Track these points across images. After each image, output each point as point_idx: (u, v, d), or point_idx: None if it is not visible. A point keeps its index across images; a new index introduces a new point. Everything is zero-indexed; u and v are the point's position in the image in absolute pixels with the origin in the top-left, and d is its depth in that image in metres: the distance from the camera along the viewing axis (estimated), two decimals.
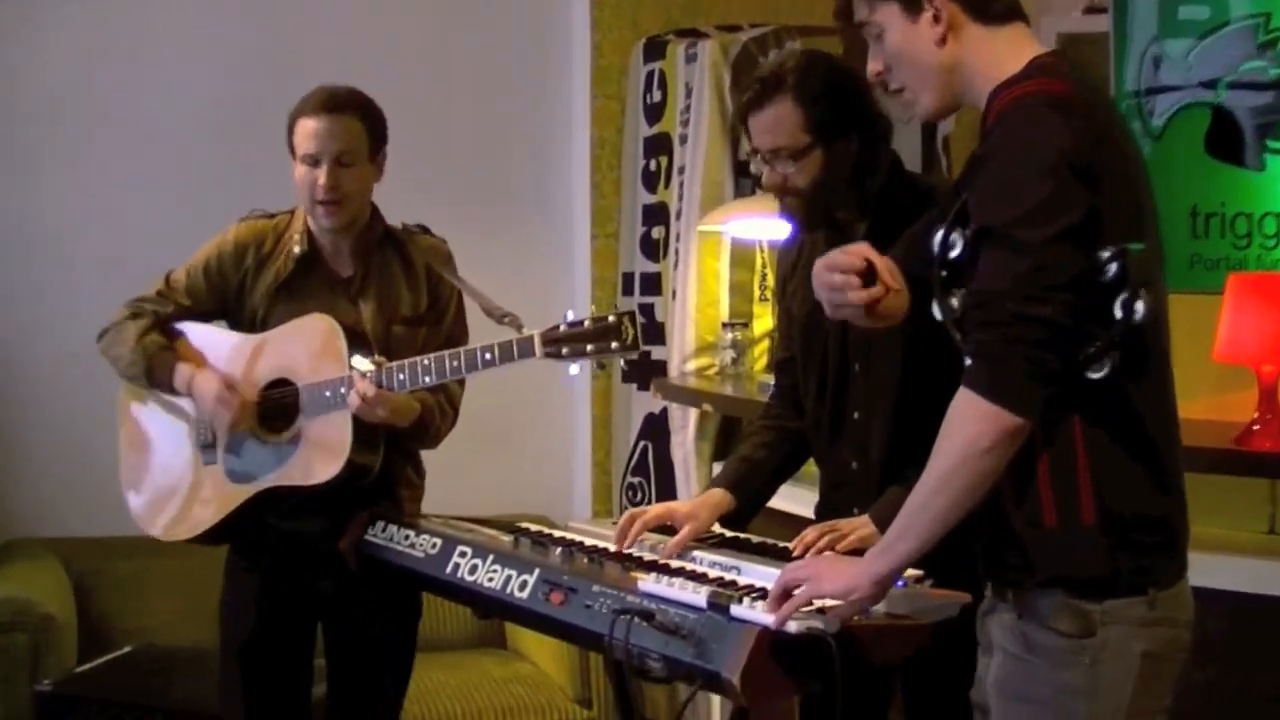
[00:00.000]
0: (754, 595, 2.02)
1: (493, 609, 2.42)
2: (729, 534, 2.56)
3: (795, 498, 2.81)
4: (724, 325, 4.23)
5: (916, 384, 2.39)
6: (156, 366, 2.89)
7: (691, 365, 4.28)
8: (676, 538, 2.47)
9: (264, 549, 2.90)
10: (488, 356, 2.57)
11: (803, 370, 2.58)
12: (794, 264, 2.62)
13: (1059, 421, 1.81)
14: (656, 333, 4.58)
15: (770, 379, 2.90)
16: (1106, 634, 1.82)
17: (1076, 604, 1.82)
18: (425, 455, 3.01)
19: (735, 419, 4.10)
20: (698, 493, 2.92)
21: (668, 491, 4.35)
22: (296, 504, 2.82)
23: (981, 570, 1.94)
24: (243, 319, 2.93)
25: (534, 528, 2.68)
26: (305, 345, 2.81)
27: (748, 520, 2.61)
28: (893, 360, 2.41)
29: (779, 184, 2.41)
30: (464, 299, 2.92)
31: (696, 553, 2.41)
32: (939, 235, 1.85)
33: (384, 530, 2.68)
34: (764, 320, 4.26)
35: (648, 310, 4.68)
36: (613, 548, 2.47)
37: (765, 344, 4.24)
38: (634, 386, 4.81)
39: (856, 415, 2.49)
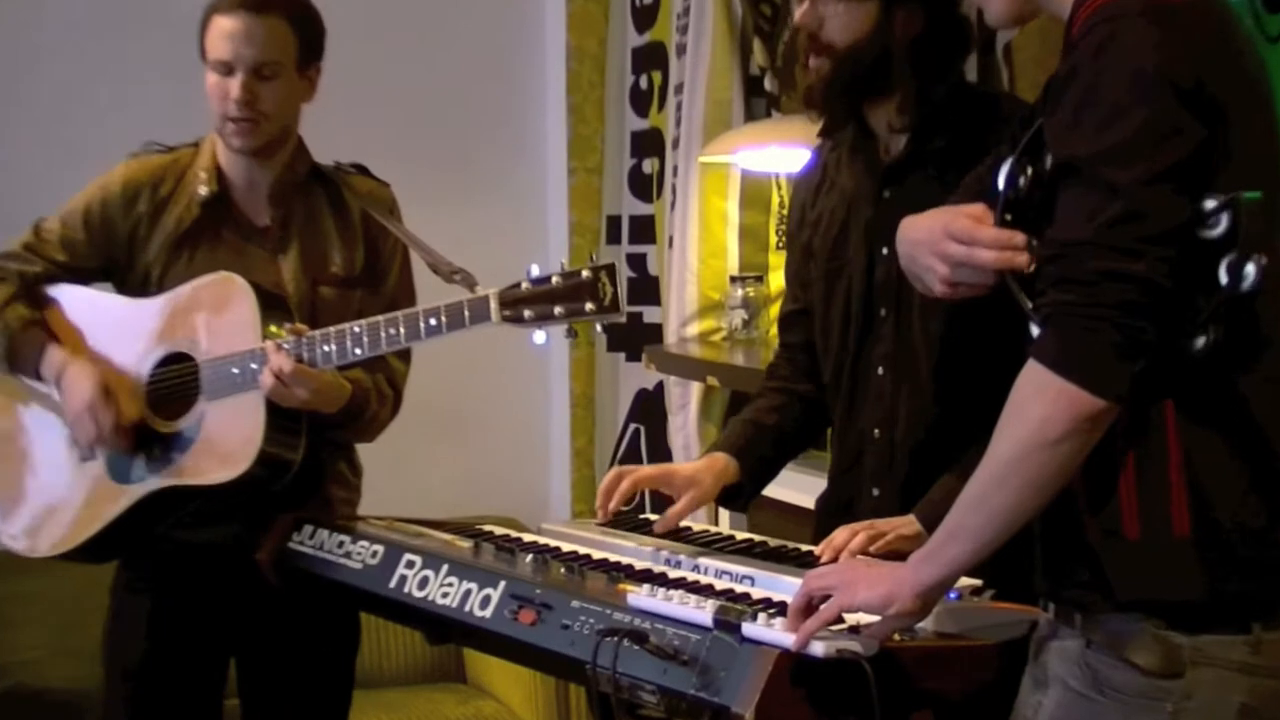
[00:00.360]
0: (772, 611, 2.03)
1: (448, 632, 2.44)
2: (740, 536, 2.60)
3: (812, 488, 2.84)
4: (733, 280, 4.25)
5: (962, 342, 2.43)
6: (20, 347, 2.89)
7: (693, 330, 4.31)
8: (676, 507, 2.52)
9: (159, 564, 2.92)
10: (432, 322, 2.59)
11: (822, 322, 2.62)
12: (816, 189, 2.66)
13: (1149, 407, 1.80)
14: (649, 290, 4.57)
15: None
16: (1197, 676, 1.81)
17: (1162, 634, 1.82)
18: (364, 448, 3.05)
19: (747, 395, 4.10)
20: None
21: None
22: (199, 508, 2.84)
23: (1042, 586, 1.95)
24: (132, 279, 2.93)
25: (499, 531, 2.70)
26: (209, 311, 2.82)
27: (751, 496, 2.68)
28: (931, 308, 2.43)
29: (812, 27, 2.43)
30: (411, 257, 2.95)
31: (701, 560, 2.44)
32: (1005, 169, 1.86)
33: (312, 537, 2.69)
34: (780, 274, 4.26)
35: (638, 262, 4.70)
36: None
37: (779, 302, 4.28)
38: (622, 357, 4.81)
39: (881, 372, 2.53)
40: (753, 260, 4.29)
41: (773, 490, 2.84)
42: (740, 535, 2.64)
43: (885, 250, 2.49)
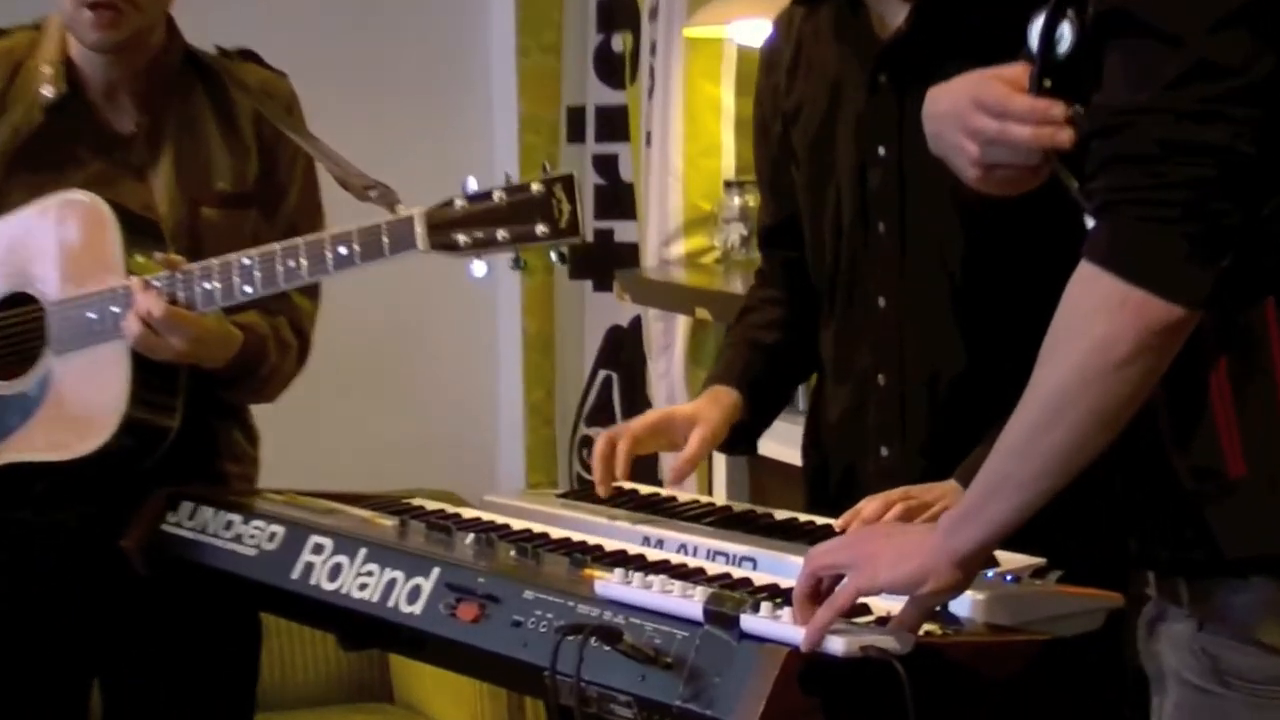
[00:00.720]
0: (779, 600, 2.04)
1: (368, 634, 2.45)
2: (740, 508, 2.64)
3: None
4: (728, 185, 4.25)
5: (991, 262, 2.46)
6: None
7: (678, 249, 4.32)
8: (686, 452, 2.59)
9: None
10: (343, 251, 2.61)
11: (811, 234, 2.67)
12: (790, 70, 2.69)
13: (1241, 310, 1.81)
14: (622, 201, 4.60)
15: None
16: None
17: None
18: (261, 411, 3.07)
19: None
20: None
21: None
22: (49, 487, 2.85)
23: (1133, 553, 1.95)
24: None
25: (432, 506, 2.73)
26: (57, 241, 2.81)
27: (757, 434, 2.74)
28: (940, 216, 2.48)
29: None
30: (318, 169, 2.96)
31: (689, 537, 2.46)
32: (1040, 24, 1.87)
33: (192, 517, 2.70)
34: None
35: (608, 166, 4.72)
36: (552, 531, 2.53)
37: None
38: (588, 286, 4.85)
39: (882, 304, 2.57)
40: (753, 160, 4.28)
41: (780, 449, 2.88)
42: (740, 506, 2.66)
43: (882, 150, 2.54)
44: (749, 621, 1.96)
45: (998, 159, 1.94)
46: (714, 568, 2.31)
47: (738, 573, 2.27)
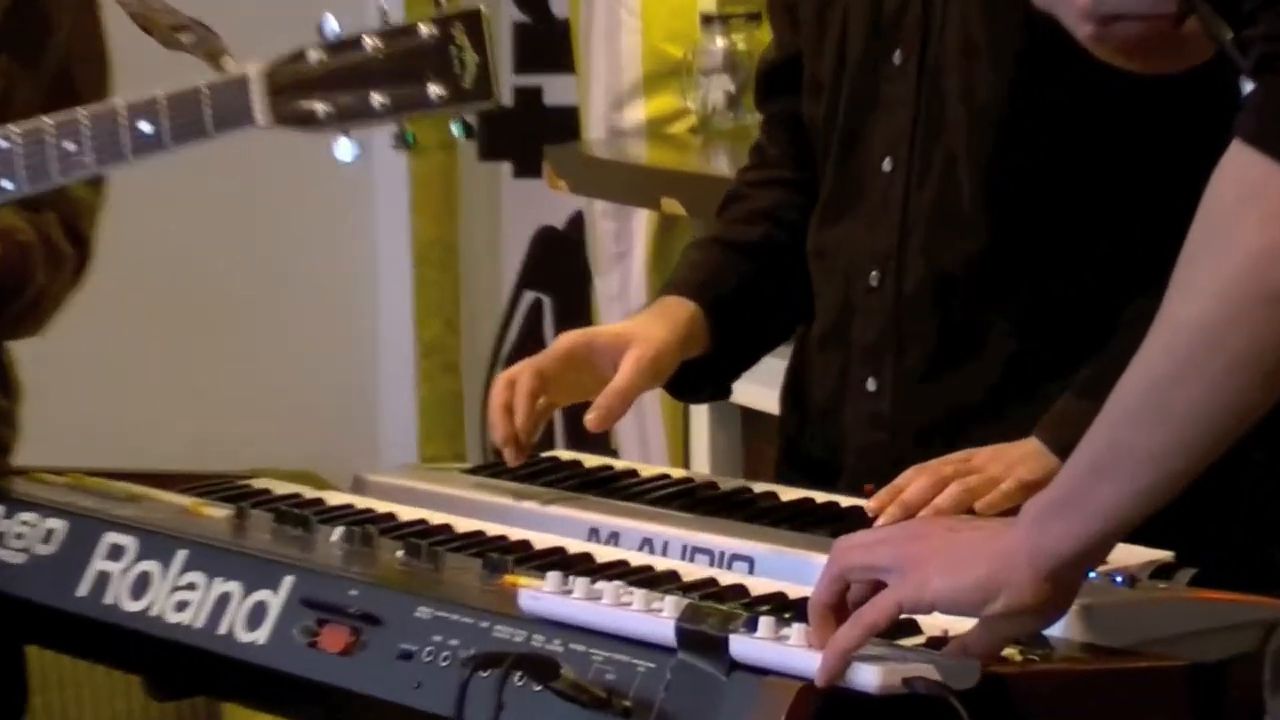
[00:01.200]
0: (786, 614, 2.06)
1: (188, 676, 2.44)
2: (728, 486, 2.65)
3: None
4: (705, 21, 4.27)
5: (1035, 110, 2.51)
6: None
7: (637, 114, 4.34)
8: (614, 383, 2.60)
9: None
10: (144, 129, 2.55)
11: (809, 74, 2.73)
12: None
13: None
14: (554, 45, 4.62)
15: None
16: None
17: None
18: (27, 352, 3.05)
19: None
20: (658, 398, 3.06)
21: (588, 403, 4.49)
22: None
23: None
24: None
25: (281, 489, 2.74)
26: None
27: (732, 372, 2.79)
28: (980, 47, 2.53)
29: None
30: (103, 1, 2.96)
31: (656, 528, 2.47)
32: None
33: None
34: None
35: None
36: (456, 522, 2.51)
37: None
38: (506, 170, 4.91)
39: (888, 167, 2.63)
40: None
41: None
42: (728, 483, 2.67)
43: None
44: (741, 644, 1.92)
45: (1117, 7, 1.95)
46: (692, 570, 2.30)
47: (726, 577, 2.26)
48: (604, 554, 2.36)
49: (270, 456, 4.23)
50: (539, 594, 2.06)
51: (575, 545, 2.40)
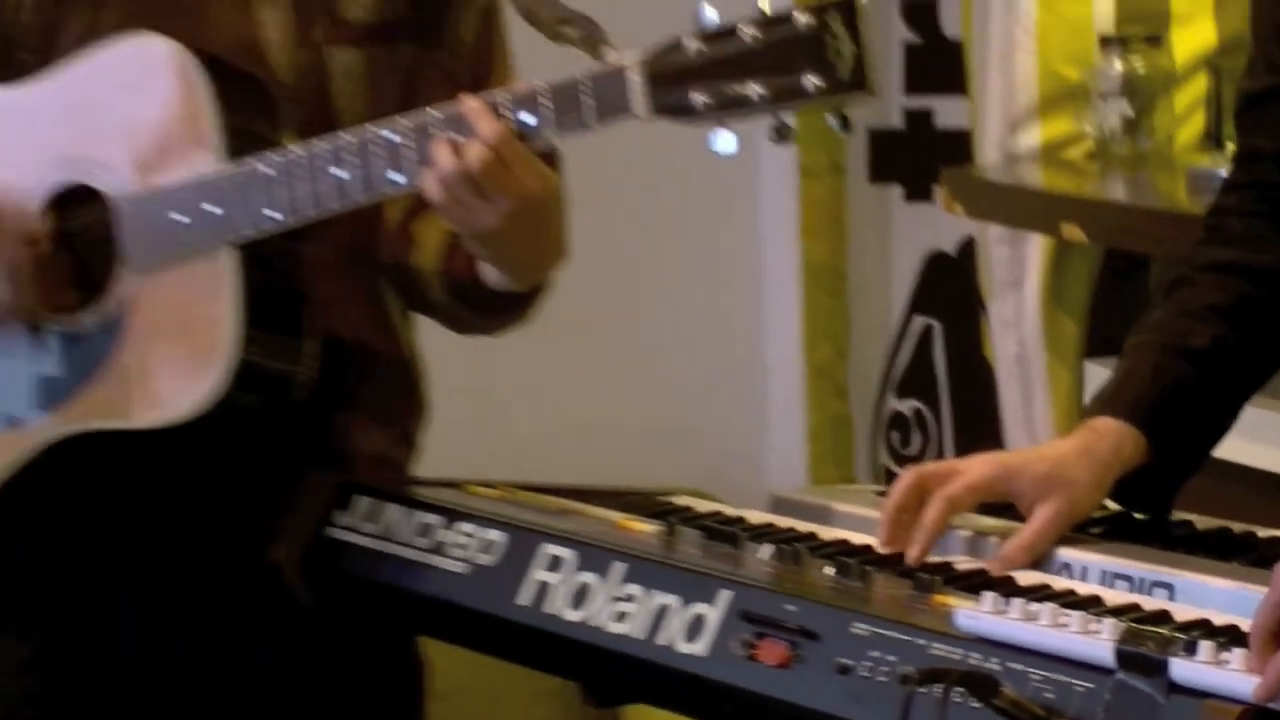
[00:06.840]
0: (1221, 640, 2.02)
1: (626, 683, 2.47)
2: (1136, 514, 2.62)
3: None
4: (1104, 43, 4.24)
5: None
6: None
7: (1031, 138, 4.33)
8: (1022, 535, 2.49)
9: (46, 582, 2.92)
10: (526, 119, 2.55)
11: None
12: None
13: None
14: (945, 65, 4.62)
15: (1213, 164, 2.97)
16: None
17: None
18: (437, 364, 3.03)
19: (1136, 259, 4.14)
20: (1053, 428, 3.01)
21: (982, 430, 4.45)
22: (132, 466, 2.84)
23: None
24: None
25: (703, 506, 2.74)
26: (127, 105, 2.79)
27: (1173, 487, 2.64)
28: None
29: None
30: None
31: (1073, 553, 2.47)
32: None
33: (371, 517, 2.69)
34: (1198, 27, 4.23)
35: (922, 15, 4.77)
36: (877, 542, 2.52)
37: (1201, 83, 4.24)
38: (897, 193, 4.88)
39: None
40: (1143, 4, 4.30)
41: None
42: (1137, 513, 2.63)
43: None
44: (1182, 668, 1.96)
45: None
46: (1113, 596, 2.30)
47: (1149, 603, 2.26)
48: (1025, 578, 2.37)
49: (658, 475, 4.18)
50: (975, 613, 2.10)
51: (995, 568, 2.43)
